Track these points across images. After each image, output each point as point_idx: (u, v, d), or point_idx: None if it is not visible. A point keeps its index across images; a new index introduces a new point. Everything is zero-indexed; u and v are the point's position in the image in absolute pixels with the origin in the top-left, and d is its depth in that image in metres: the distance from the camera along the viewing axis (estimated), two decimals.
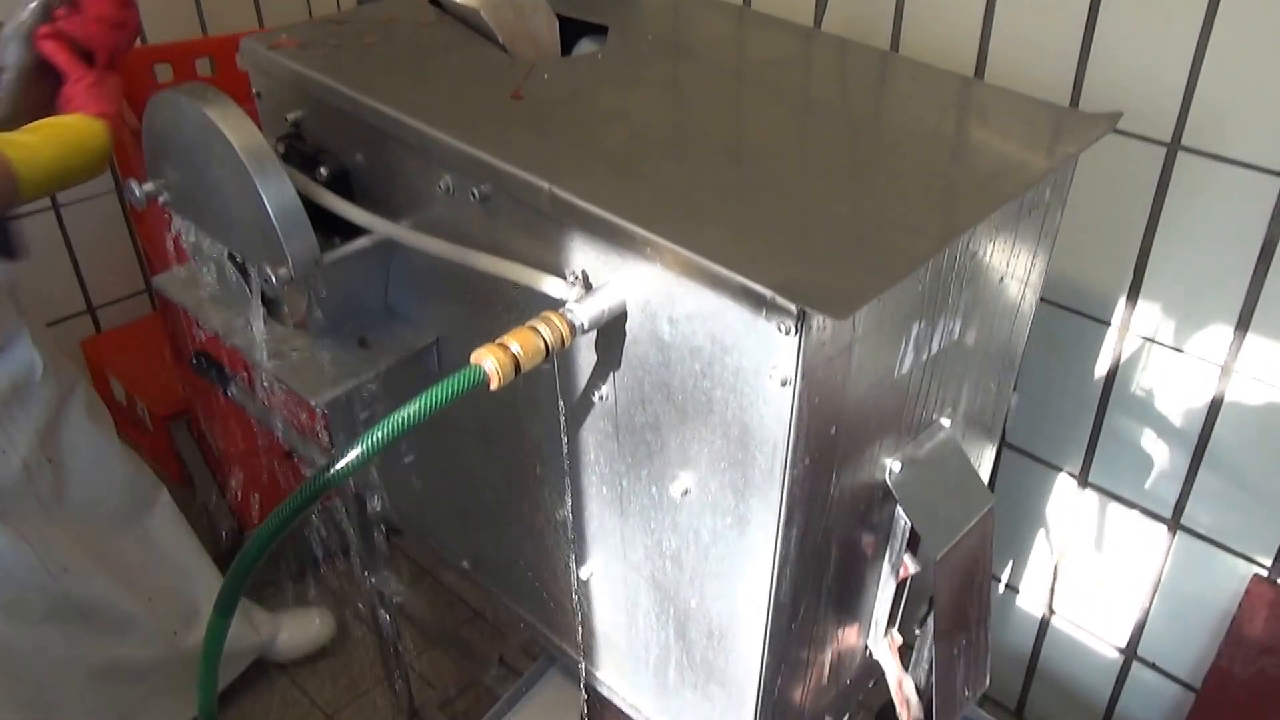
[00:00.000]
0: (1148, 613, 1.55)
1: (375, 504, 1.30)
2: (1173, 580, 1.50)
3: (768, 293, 0.67)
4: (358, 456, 0.72)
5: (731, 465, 0.78)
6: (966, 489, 0.94)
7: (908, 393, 0.85)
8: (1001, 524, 1.67)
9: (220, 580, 1.76)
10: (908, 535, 0.94)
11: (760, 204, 0.79)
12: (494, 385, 0.72)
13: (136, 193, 1.00)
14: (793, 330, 0.67)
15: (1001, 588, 1.73)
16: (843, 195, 0.82)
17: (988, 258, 0.85)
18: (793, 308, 0.66)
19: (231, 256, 0.98)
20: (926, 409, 0.90)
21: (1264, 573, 1.40)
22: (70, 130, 1.14)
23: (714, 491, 0.80)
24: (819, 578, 0.89)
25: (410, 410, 0.72)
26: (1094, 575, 1.60)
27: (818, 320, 0.67)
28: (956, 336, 0.87)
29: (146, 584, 1.63)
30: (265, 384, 1.04)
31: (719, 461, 0.78)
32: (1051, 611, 1.68)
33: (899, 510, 0.91)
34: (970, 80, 1.01)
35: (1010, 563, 1.70)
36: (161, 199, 1.01)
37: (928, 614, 1.07)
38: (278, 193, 0.87)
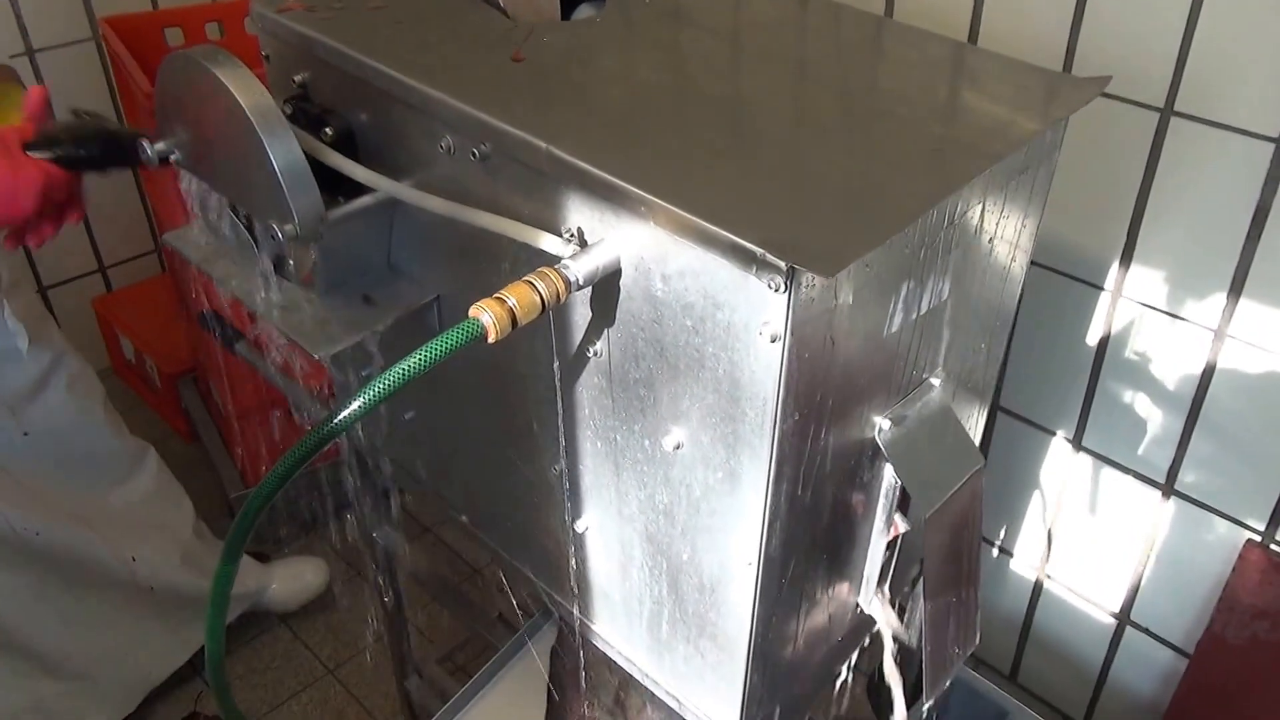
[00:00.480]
0: (1141, 577, 1.57)
1: (381, 463, 1.32)
2: (1166, 545, 1.52)
3: (758, 250, 0.68)
4: (359, 407, 0.74)
5: (722, 420, 0.79)
6: (956, 448, 0.96)
7: (897, 352, 0.87)
8: (996, 488, 1.69)
9: (201, 539, 1.81)
10: (898, 494, 0.96)
11: (753, 164, 0.81)
12: (491, 337, 0.74)
13: (148, 151, 1.02)
14: (782, 287, 0.69)
15: (996, 551, 1.75)
16: (835, 156, 0.83)
17: (977, 219, 0.87)
18: (782, 265, 0.68)
19: (236, 211, 1.00)
20: (917, 369, 0.92)
21: (1257, 538, 1.42)
22: None
23: (705, 446, 0.82)
24: (810, 533, 0.91)
25: (411, 362, 0.74)
26: (1088, 539, 1.62)
27: (807, 278, 0.69)
28: (946, 297, 0.89)
29: (125, 545, 1.67)
30: (270, 336, 1.06)
31: (710, 416, 0.80)
32: (1046, 576, 1.70)
33: (889, 469, 0.93)
34: (962, 45, 1.02)
35: (1005, 527, 1.72)
36: (173, 158, 1.03)
37: (919, 575, 1.09)
38: (284, 151, 0.89)
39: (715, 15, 1.09)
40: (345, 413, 0.74)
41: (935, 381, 0.95)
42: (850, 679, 1.20)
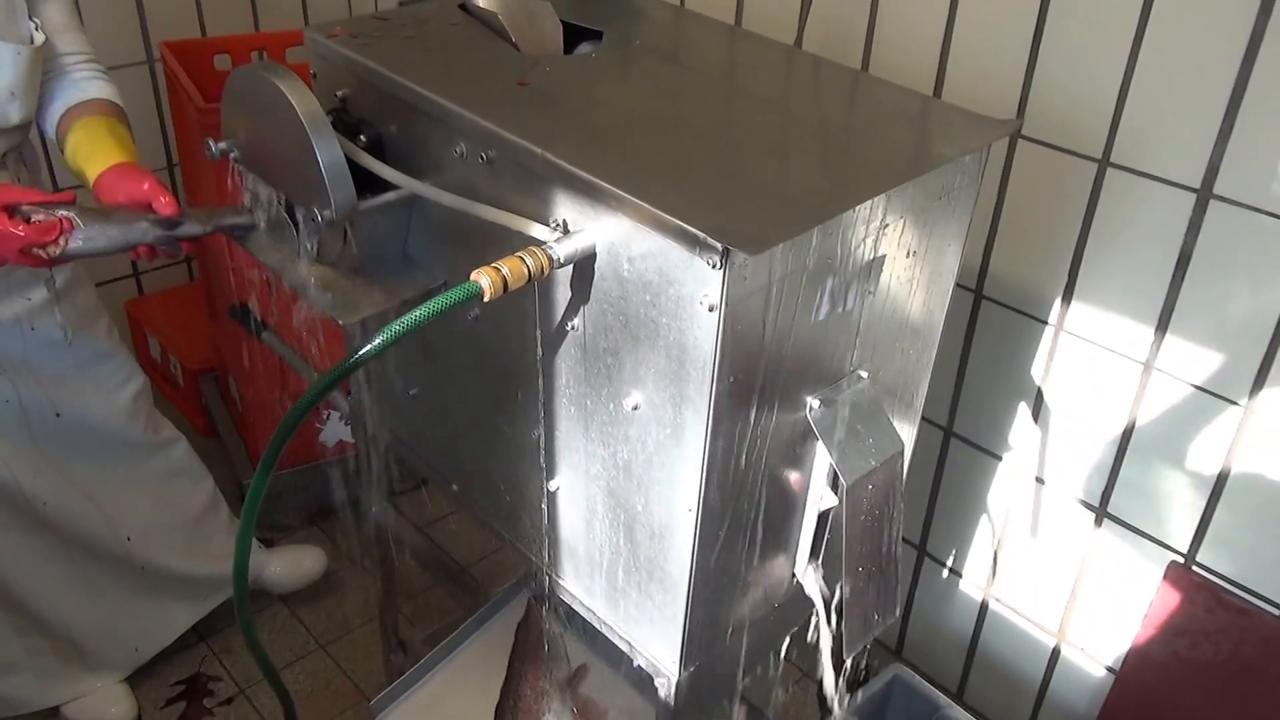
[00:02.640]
0: (1078, 597, 1.68)
1: (384, 441, 1.47)
2: (1100, 566, 1.64)
3: (700, 234, 0.85)
4: (378, 344, 0.90)
5: (672, 381, 0.95)
6: (879, 432, 1.11)
7: (827, 340, 1.03)
8: (947, 510, 1.81)
9: (201, 527, 1.94)
10: (829, 472, 1.11)
11: (708, 171, 0.98)
12: (487, 296, 0.91)
13: (213, 149, 1.20)
14: (718, 265, 0.85)
15: (946, 572, 1.87)
16: (778, 168, 1.00)
17: (900, 231, 1.03)
18: (718, 246, 0.84)
19: (280, 201, 1.17)
20: (846, 360, 1.08)
21: (1180, 559, 1.54)
22: None
23: (658, 405, 0.98)
24: (747, 494, 1.05)
25: (420, 311, 0.90)
26: (1030, 561, 1.73)
27: (739, 257, 0.85)
28: (871, 297, 1.05)
29: (124, 526, 1.82)
30: (294, 300, 1.22)
31: (662, 378, 0.96)
32: (992, 596, 1.81)
33: (820, 446, 1.08)
34: (912, 92, 1.19)
35: (955, 549, 1.83)
36: (232, 155, 1.20)
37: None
38: (328, 150, 1.06)
39: (699, 55, 1.27)
40: (365, 349, 0.91)
41: (864, 374, 1.10)
42: (794, 667, 1.33)
